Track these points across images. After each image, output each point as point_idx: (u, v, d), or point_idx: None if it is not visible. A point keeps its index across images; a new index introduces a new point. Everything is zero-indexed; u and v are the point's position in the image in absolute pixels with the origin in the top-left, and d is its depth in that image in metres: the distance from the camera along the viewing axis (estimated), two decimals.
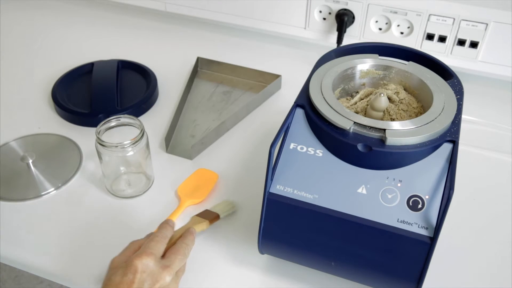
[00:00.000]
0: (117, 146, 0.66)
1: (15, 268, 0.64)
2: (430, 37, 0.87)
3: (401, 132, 0.51)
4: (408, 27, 0.88)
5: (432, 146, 0.51)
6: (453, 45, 0.86)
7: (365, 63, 0.61)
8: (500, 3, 0.81)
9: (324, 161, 0.53)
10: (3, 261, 0.63)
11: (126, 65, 0.94)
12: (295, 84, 0.76)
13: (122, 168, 0.71)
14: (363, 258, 0.53)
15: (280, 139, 0.54)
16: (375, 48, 0.65)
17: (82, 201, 0.70)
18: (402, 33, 0.89)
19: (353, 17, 0.91)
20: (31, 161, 0.73)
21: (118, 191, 0.71)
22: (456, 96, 0.57)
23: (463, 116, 0.56)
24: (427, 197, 0.51)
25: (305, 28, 0.97)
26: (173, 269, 0.53)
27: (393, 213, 0.51)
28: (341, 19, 0.90)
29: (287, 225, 0.55)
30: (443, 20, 0.85)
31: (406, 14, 0.87)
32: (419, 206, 0.50)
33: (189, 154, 0.76)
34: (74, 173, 0.74)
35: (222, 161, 0.76)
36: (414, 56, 0.63)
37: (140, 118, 0.84)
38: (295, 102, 0.56)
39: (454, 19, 0.84)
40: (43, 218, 0.67)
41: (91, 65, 0.93)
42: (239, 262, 0.62)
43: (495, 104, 0.88)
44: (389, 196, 0.51)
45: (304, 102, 0.56)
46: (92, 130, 0.69)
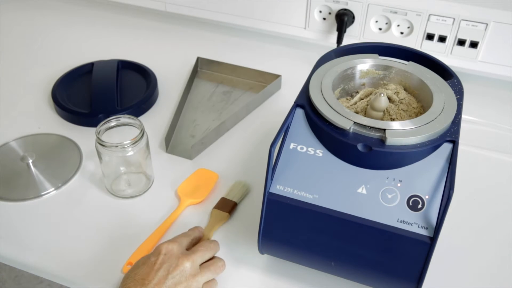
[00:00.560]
0: (117, 146, 0.66)
1: (15, 268, 0.64)
2: (430, 37, 0.87)
3: (401, 132, 0.51)
4: (408, 27, 0.88)
5: (432, 146, 0.51)
6: (453, 45, 0.86)
7: (365, 63, 0.61)
8: (500, 3, 0.81)
9: (324, 161, 0.53)
10: (3, 261, 0.63)
11: (126, 65, 0.94)
12: (295, 84, 0.76)
13: (122, 168, 0.71)
14: (363, 258, 0.53)
15: (280, 139, 0.54)
16: (375, 48, 0.65)
17: (82, 201, 0.70)
18: (402, 33, 0.89)
19: (353, 17, 0.91)
20: (31, 161, 0.73)
21: (118, 191, 0.71)
22: (456, 96, 0.57)
23: (463, 116, 0.56)
24: (427, 197, 0.51)
25: (305, 28, 0.97)
26: (194, 259, 0.55)
27: (393, 213, 0.51)
28: (341, 19, 0.90)
29: (287, 225, 0.55)
30: (443, 20, 0.85)
31: (406, 14, 0.87)
32: (419, 206, 0.51)
33: (189, 154, 0.76)
34: (74, 173, 0.74)
35: (222, 161, 0.76)
36: (414, 56, 0.63)
37: (140, 118, 0.84)
38: (295, 102, 0.56)
39: (454, 19, 0.84)
40: (43, 218, 0.67)
41: (91, 65, 0.93)
42: (239, 262, 0.62)
43: (495, 104, 0.88)
44: (389, 196, 0.51)
45: (304, 102, 0.56)
46: (92, 130, 0.69)
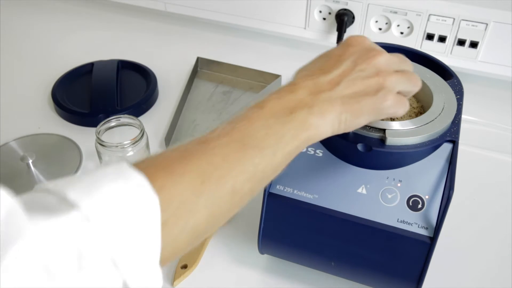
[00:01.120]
0: (117, 146, 0.66)
1: None
2: (430, 37, 0.87)
3: (401, 132, 0.51)
4: (408, 27, 0.88)
5: (432, 146, 0.51)
6: (453, 45, 0.86)
7: None
8: (500, 3, 0.81)
9: (324, 161, 0.53)
10: None
11: (126, 65, 0.94)
12: None
13: None
14: (363, 258, 0.53)
15: None
16: None
17: None
18: (402, 33, 0.89)
19: (353, 17, 0.91)
20: (31, 161, 0.73)
21: None
22: (456, 96, 0.57)
23: (463, 116, 0.56)
24: (427, 197, 0.51)
25: (305, 28, 0.97)
26: (390, 59, 0.45)
27: (393, 213, 0.51)
28: (341, 19, 0.90)
29: (287, 225, 0.55)
30: (443, 20, 0.85)
31: (406, 14, 0.87)
32: (419, 206, 0.51)
33: None
34: (74, 173, 0.74)
35: None
36: (414, 56, 0.63)
37: (140, 118, 0.84)
38: None
39: (454, 19, 0.84)
40: None
41: (91, 65, 0.93)
42: (239, 262, 0.62)
43: (495, 104, 0.88)
44: (389, 196, 0.51)
45: None
46: (92, 130, 0.69)
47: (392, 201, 0.51)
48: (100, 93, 0.86)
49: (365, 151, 0.51)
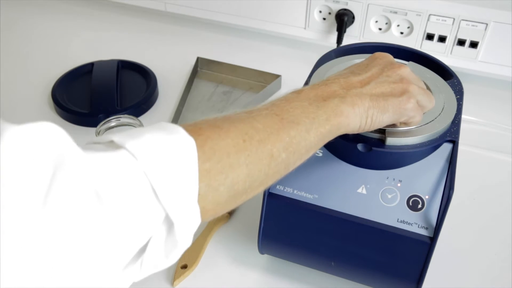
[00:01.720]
0: None
1: None
2: (430, 37, 0.87)
3: (401, 132, 0.51)
4: (408, 27, 0.88)
5: (432, 146, 0.51)
6: (453, 45, 0.86)
7: None
8: (500, 3, 0.81)
9: (324, 161, 0.53)
10: None
11: (126, 65, 0.94)
12: (295, 84, 0.76)
13: None
14: (363, 258, 0.53)
15: None
16: (375, 48, 0.65)
17: None
18: (402, 33, 0.90)
19: (353, 17, 0.91)
20: None
21: None
22: (456, 96, 0.57)
23: (463, 116, 0.56)
24: (427, 197, 0.51)
25: (305, 28, 0.97)
26: (412, 74, 0.50)
27: (393, 213, 0.51)
28: (341, 19, 0.90)
29: (287, 225, 0.55)
30: (443, 20, 0.85)
31: (406, 14, 0.87)
32: (419, 206, 0.51)
33: None
34: None
35: None
36: (414, 56, 0.63)
37: (140, 118, 0.84)
38: None
39: (454, 19, 0.84)
40: None
41: (91, 65, 0.93)
42: (239, 262, 0.62)
43: (495, 104, 0.88)
44: (389, 196, 0.51)
45: None
46: (92, 130, 0.69)
47: (392, 201, 0.51)
48: (100, 93, 0.86)
49: (365, 151, 0.51)
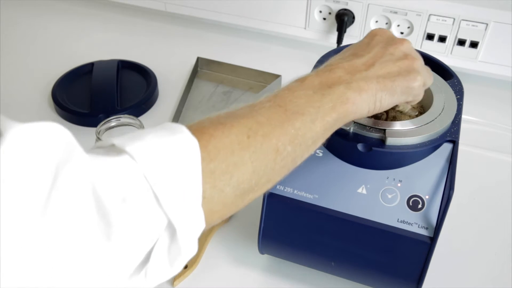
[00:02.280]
0: None
1: None
2: (430, 37, 0.87)
3: (401, 132, 0.51)
4: (408, 27, 0.88)
5: (432, 146, 0.51)
6: (453, 45, 0.86)
7: None
8: (500, 3, 0.81)
9: (324, 161, 0.53)
10: None
11: (126, 65, 0.94)
12: None
13: None
14: (363, 258, 0.53)
15: None
16: None
17: None
18: (402, 33, 0.89)
19: (353, 17, 0.91)
20: None
21: None
22: (456, 96, 0.57)
23: (463, 116, 0.56)
24: (427, 197, 0.51)
25: (305, 28, 0.97)
26: (413, 49, 0.49)
27: (393, 213, 0.51)
28: (341, 19, 0.90)
29: (287, 225, 0.55)
30: (443, 20, 0.85)
31: (406, 14, 0.87)
32: (419, 206, 0.51)
33: None
34: None
35: None
36: None
37: (140, 118, 0.84)
38: None
39: (454, 19, 0.84)
40: None
41: (91, 65, 0.93)
42: (239, 262, 0.62)
43: (495, 104, 0.88)
44: (389, 196, 0.51)
45: None
46: (92, 130, 0.69)
47: (392, 201, 0.51)
48: (100, 93, 0.86)
49: (365, 151, 0.51)
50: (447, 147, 0.52)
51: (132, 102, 0.85)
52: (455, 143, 0.52)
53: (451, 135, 0.52)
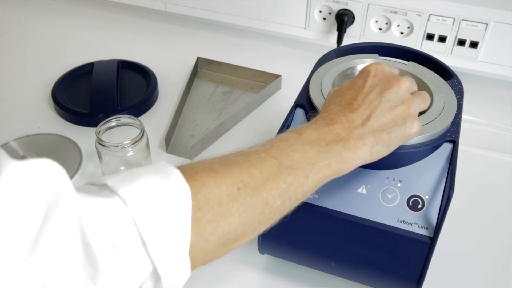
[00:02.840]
0: (117, 146, 0.66)
1: None
2: (430, 37, 0.87)
3: None
4: (408, 27, 0.88)
5: (432, 146, 0.51)
6: (453, 45, 0.86)
7: (365, 63, 0.61)
8: (500, 3, 0.81)
9: None
10: None
11: (126, 65, 0.94)
12: (295, 84, 0.76)
13: (122, 168, 0.71)
14: (363, 258, 0.53)
15: None
16: (375, 48, 0.65)
17: None
18: (402, 33, 0.90)
19: (353, 17, 0.91)
20: None
21: None
22: (456, 96, 0.57)
23: (463, 116, 0.56)
24: (427, 197, 0.51)
25: (305, 28, 0.97)
26: (408, 83, 0.48)
27: (393, 213, 0.51)
28: (341, 19, 0.90)
29: (287, 225, 0.54)
30: (443, 20, 0.85)
31: (406, 14, 0.87)
32: (419, 206, 0.51)
33: (189, 154, 0.76)
34: (74, 173, 0.74)
35: None
36: (414, 56, 0.63)
37: (140, 118, 0.84)
38: (295, 102, 0.56)
39: (454, 19, 0.84)
40: None
41: (91, 65, 0.93)
42: (239, 262, 0.62)
43: (495, 104, 0.88)
44: (389, 196, 0.51)
45: (304, 102, 0.56)
46: (92, 130, 0.69)
47: (392, 201, 0.51)
48: (100, 93, 0.86)
49: None
50: (447, 147, 0.52)
51: (132, 102, 0.85)
52: (455, 143, 0.52)
53: (451, 135, 0.52)
